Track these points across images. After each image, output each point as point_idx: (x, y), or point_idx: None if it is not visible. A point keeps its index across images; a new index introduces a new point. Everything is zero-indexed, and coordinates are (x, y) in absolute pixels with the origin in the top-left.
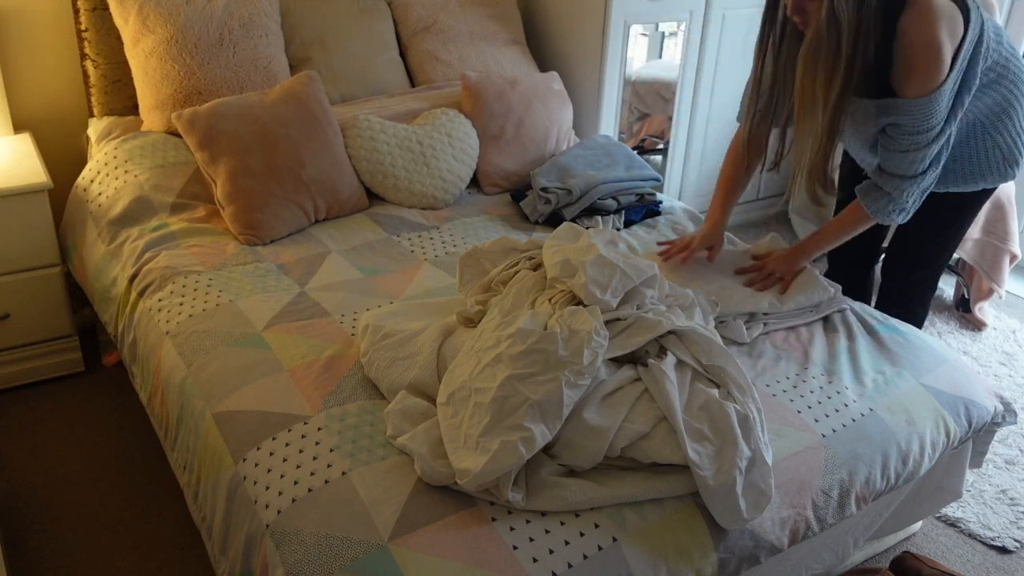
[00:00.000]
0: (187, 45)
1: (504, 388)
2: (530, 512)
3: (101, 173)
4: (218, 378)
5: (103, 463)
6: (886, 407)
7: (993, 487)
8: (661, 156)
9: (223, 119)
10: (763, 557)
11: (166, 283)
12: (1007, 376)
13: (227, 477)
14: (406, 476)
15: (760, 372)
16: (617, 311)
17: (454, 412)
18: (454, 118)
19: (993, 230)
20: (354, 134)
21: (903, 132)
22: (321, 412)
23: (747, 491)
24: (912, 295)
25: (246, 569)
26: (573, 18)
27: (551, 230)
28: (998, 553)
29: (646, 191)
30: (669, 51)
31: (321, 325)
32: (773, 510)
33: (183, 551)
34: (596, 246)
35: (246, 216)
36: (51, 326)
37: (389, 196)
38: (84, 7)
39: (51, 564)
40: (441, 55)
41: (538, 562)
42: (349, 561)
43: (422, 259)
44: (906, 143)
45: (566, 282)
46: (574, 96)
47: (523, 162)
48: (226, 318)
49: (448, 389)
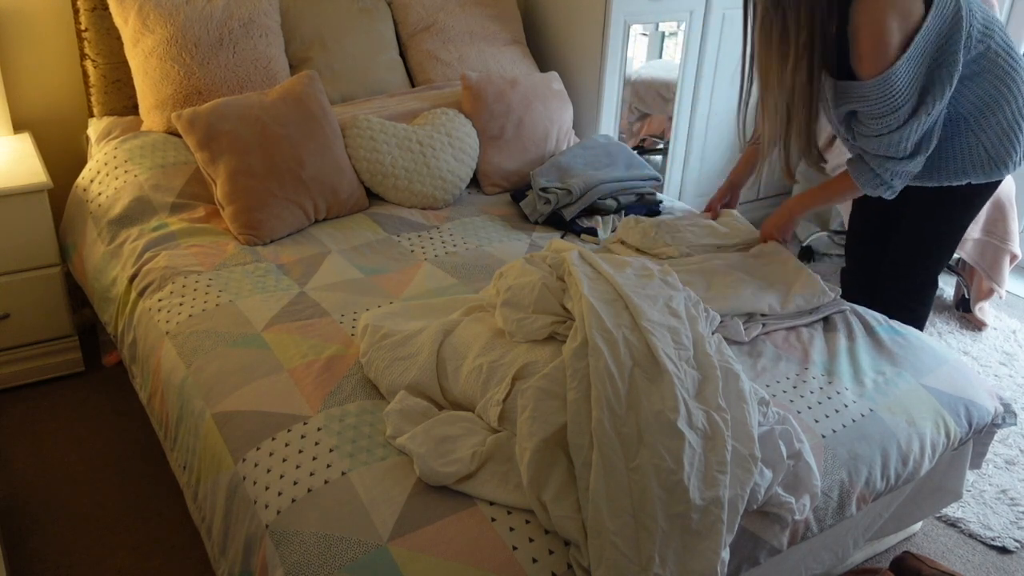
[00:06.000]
0: (187, 45)
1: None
2: (530, 512)
3: (101, 173)
4: (218, 378)
5: (103, 463)
6: (886, 407)
7: (993, 487)
8: (661, 156)
9: (223, 119)
10: (763, 558)
11: (166, 283)
12: (1007, 376)
13: (227, 477)
14: (406, 476)
15: (760, 372)
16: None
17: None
18: (454, 118)
19: (993, 230)
20: (354, 134)
21: (868, 116)
22: (321, 412)
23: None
24: (913, 293)
25: (246, 569)
26: (573, 18)
27: (551, 230)
28: (998, 553)
29: (646, 191)
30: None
31: (321, 325)
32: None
33: (183, 551)
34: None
35: (246, 216)
36: (51, 326)
37: (389, 196)
38: (84, 7)
39: (51, 564)
40: (441, 55)
41: (538, 562)
42: (348, 561)
43: (422, 259)
44: (875, 127)
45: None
46: (574, 96)
47: (523, 162)
48: (226, 318)
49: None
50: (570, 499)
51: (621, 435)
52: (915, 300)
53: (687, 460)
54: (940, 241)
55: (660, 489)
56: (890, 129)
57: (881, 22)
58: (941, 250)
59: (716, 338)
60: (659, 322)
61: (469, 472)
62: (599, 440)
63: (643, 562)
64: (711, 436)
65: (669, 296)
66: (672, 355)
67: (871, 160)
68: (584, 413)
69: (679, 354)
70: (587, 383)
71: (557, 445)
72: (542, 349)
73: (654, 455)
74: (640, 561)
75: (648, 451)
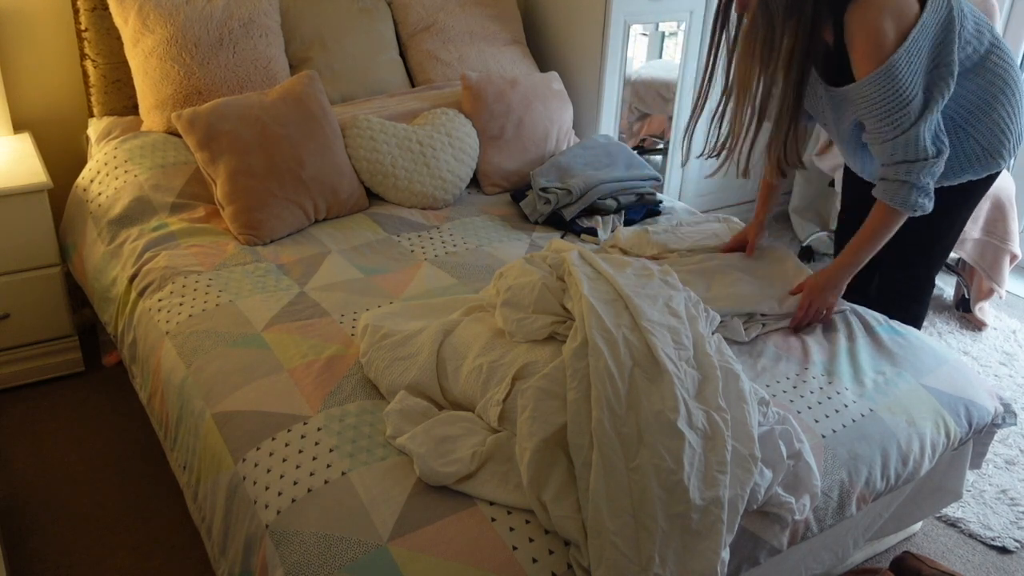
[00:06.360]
0: (187, 45)
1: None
2: (530, 512)
3: (101, 173)
4: (218, 378)
5: (103, 463)
6: (886, 407)
7: (993, 487)
8: (661, 156)
9: (223, 119)
10: (763, 558)
11: (166, 283)
12: (1007, 376)
13: (227, 477)
14: (405, 476)
15: (760, 372)
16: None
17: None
18: (454, 118)
19: (993, 230)
20: (354, 134)
21: (877, 119)
22: (321, 412)
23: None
24: (910, 292)
25: (246, 569)
26: (573, 18)
27: (551, 230)
28: (998, 553)
29: (646, 191)
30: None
31: (321, 325)
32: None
33: (183, 551)
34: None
35: (246, 216)
36: (51, 326)
37: (389, 196)
38: (84, 7)
39: (51, 564)
40: (441, 55)
41: (538, 562)
42: (348, 561)
43: (422, 259)
44: (886, 131)
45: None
46: (574, 96)
47: (523, 162)
48: (226, 318)
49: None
50: (570, 499)
51: (621, 435)
52: (912, 299)
53: (687, 460)
54: (938, 238)
55: (660, 489)
56: (903, 128)
57: (875, 22)
58: (940, 247)
59: (716, 338)
60: (659, 322)
61: (469, 472)
62: (599, 440)
63: (643, 562)
64: (711, 436)
65: (669, 296)
66: (672, 355)
67: (895, 172)
68: (584, 413)
69: (679, 354)
70: (587, 383)
71: (557, 445)
72: (542, 349)
73: (654, 455)
74: (640, 561)
75: (648, 451)
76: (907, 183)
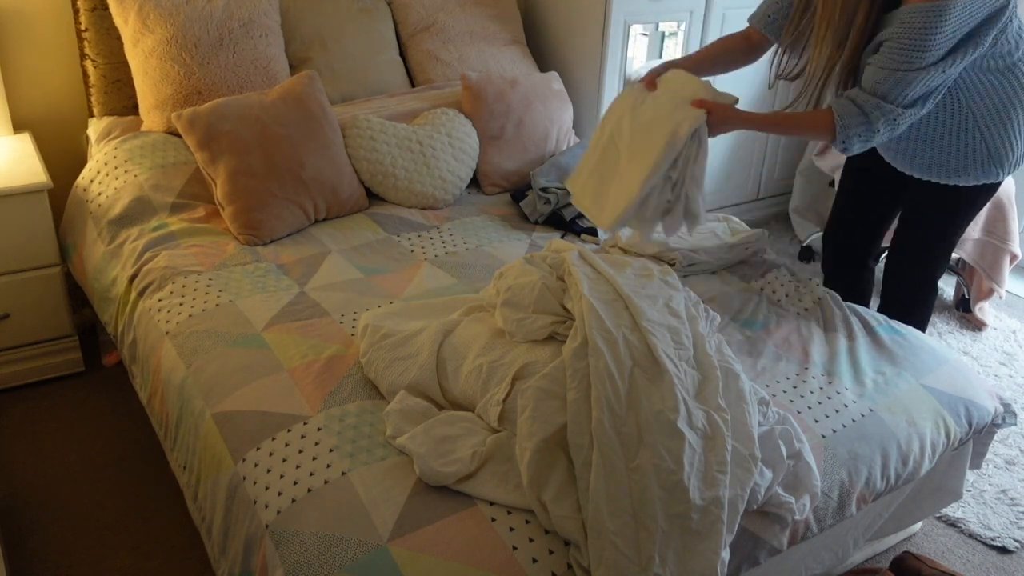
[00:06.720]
0: (187, 45)
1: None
2: (530, 512)
3: (101, 173)
4: (218, 378)
5: (103, 463)
6: (886, 407)
7: (993, 487)
8: None
9: (223, 119)
10: (763, 558)
11: (166, 283)
12: (1007, 376)
13: (227, 477)
14: (406, 476)
15: (760, 372)
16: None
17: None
18: (454, 118)
19: (993, 230)
20: (354, 134)
21: (899, 46)
22: (321, 412)
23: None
24: (914, 296)
25: (246, 569)
26: (573, 18)
27: (551, 230)
28: (998, 553)
29: None
30: (669, 51)
31: (321, 325)
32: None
33: (183, 551)
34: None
35: (246, 216)
36: (51, 326)
37: (389, 196)
38: (84, 7)
39: (51, 564)
40: (441, 55)
41: (538, 562)
42: (348, 561)
43: (422, 259)
44: (899, 59)
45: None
46: (574, 96)
47: (523, 162)
48: (226, 318)
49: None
50: (570, 499)
51: (621, 435)
52: (916, 303)
53: (687, 460)
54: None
55: (660, 489)
56: (911, 67)
57: None
58: (940, 251)
59: (716, 338)
60: (659, 322)
61: (469, 472)
62: (599, 440)
63: (643, 562)
64: (711, 436)
65: (669, 296)
66: (672, 355)
67: (865, 101)
68: (584, 413)
69: (679, 354)
70: (587, 383)
71: (557, 445)
72: (542, 349)
73: (654, 455)
74: (640, 561)
75: (648, 451)
76: (863, 114)
